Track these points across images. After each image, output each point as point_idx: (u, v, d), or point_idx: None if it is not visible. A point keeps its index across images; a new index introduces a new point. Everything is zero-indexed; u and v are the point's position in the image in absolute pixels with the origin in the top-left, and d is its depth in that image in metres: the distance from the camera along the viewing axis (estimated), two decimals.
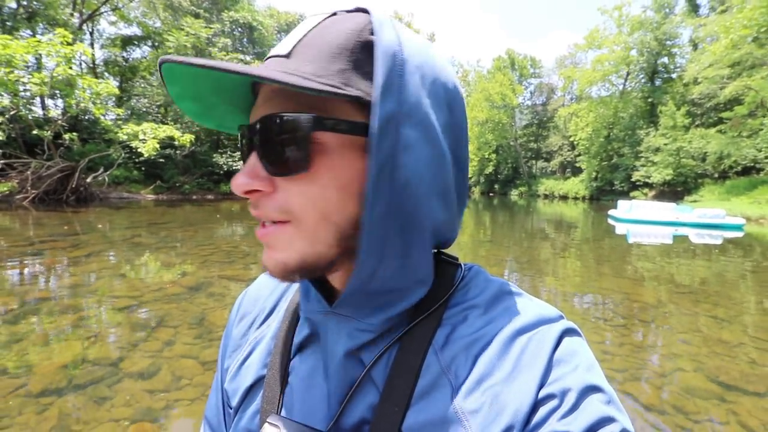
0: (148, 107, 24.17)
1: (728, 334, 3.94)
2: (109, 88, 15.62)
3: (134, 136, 16.25)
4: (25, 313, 3.93)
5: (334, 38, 0.36)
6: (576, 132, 36.03)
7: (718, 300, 5.12)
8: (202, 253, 6.92)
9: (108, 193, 18.79)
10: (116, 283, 5.07)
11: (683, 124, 27.96)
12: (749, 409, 2.58)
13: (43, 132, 14.52)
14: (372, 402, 0.39)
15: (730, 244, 10.62)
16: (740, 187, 22.39)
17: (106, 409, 2.47)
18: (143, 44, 27.94)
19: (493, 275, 0.46)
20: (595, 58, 35.49)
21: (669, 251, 9.30)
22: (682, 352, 3.50)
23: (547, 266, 7.27)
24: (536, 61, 47.48)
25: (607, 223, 15.68)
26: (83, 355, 3.10)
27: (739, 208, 18.25)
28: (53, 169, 15.56)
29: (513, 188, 44.46)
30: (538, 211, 22.69)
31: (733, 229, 13.67)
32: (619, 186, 32.61)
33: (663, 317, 4.46)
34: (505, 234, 12.48)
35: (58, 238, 7.97)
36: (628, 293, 5.36)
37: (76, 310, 4.04)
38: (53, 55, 13.88)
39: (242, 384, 0.47)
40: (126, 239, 8.23)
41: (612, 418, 0.34)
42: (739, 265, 7.59)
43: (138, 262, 6.30)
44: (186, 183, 22.87)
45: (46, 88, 14.00)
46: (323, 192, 0.36)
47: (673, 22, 32.13)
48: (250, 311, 0.54)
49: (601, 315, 4.59)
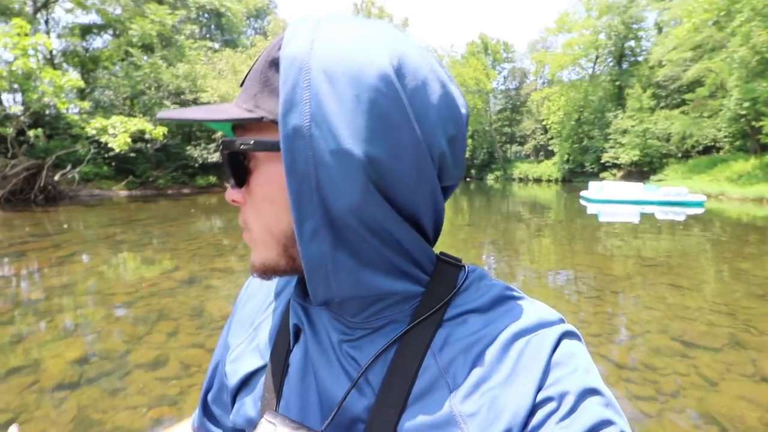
0: (113, 99, 23.22)
1: (690, 300, 4.36)
2: (72, 80, 14.97)
3: (103, 130, 15.64)
4: (21, 313, 3.93)
5: (258, 62, 0.38)
6: (548, 116, 36.83)
7: (680, 271, 5.58)
8: (190, 247, 6.92)
9: (78, 191, 18.11)
10: (108, 280, 5.08)
11: (649, 106, 29.11)
12: (707, 362, 2.94)
13: (5, 129, 13.86)
14: (368, 403, 0.39)
15: (692, 219, 11.32)
16: (701, 165, 23.59)
17: (121, 399, 2.58)
18: (104, 33, 26.69)
19: (495, 278, 0.46)
20: (566, 42, 36.18)
21: (636, 229, 9.88)
22: (649, 318, 3.88)
23: (523, 246, 7.64)
24: (509, 45, 47.84)
25: (579, 203, 16.33)
26: (90, 351, 3.18)
27: (700, 186, 19.31)
28: (18, 168, 14.87)
29: (489, 173, 45.19)
30: (514, 195, 23.28)
31: (694, 206, 14.48)
32: (589, 168, 33.65)
33: (631, 288, 4.86)
34: (483, 217, 12.88)
35: (36, 239, 7.77)
36: (600, 267, 5.76)
37: (74, 308, 4.06)
38: (10, 47, 13.18)
39: (241, 369, 0.48)
40: (107, 237, 8.09)
41: (610, 421, 0.34)
42: (700, 239, 8.17)
43: (125, 259, 6.27)
44: (160, 177, 22.25)
45: (5, 82, 13.33)
46: (260, 206, 0.39)
47: (639, 5, 32.93)
48: (256, 293, 0.55)
49: (576, 288, 4.95)
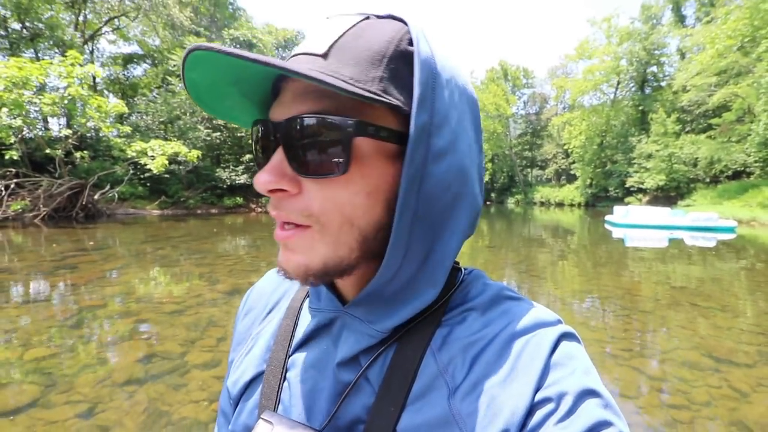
0: (149, 123, 24.65)
1: (721, 321, 4.37)
2: (118, 107, 16.11)
3: (143, 153, 16.68)
4: (85, 318, 4.30)
5: (373, 44, 0.36)
6: (570, 140, 36.81)
7: (711, 294, 5.56)
8: (227, 263, 7.30)
9: (114, 210, 19.11)
10: (157, 291, 5.45)
11: (674, 131, 28.77)
12: (739, 377, 3.00)
13: (54, 151, 14.93)
14: (367, 402, 0.39)
15: (722, 246, 11.09)
16: (731, 190, 22.98)
17: (184, 394, 2.84)
18: (143, 62, 28.67)
19: (493, 279, 0.47)
20: (586, 68, 36.45)
21: (665, 253, 9.77)
22: (679, 335, 3.94)
23: (549, 269, 7.70)
24: (528, 71, 48.55)
25: (603, 228, 16.15)
26: (151, 352, 3.48)
27: (731, 212, 18.77)
28: (63, 187, 15.92)
29: (509, 196, 45.12)
30: (536, 218, 23.10)
31: (725, 232, 14.14)
32: (613, 192, 33.27)
33: (661, 308, 4.89)
34: (504, 240, 12.91)
35: (84, 253, 8.33)
36: (628, 289, 5.79)
37: (130, 315, 4.40)
38: (64, 75, 14.38)
39: (242, 378, 0.48)
40: (150, 252, 8.59)
41: (609, 422, 0.34)
42: (733, 265, 8.03)
43: (170, 272, 6.68)
44: (190, 198, 23.26)
45: (58, 108, 14.47)
46: (352, 197, 0.36)
47: (660, 32, 33.17)
48: (255, 306, 0.55)
49: (605, 307, 5.01)
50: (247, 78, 0.37)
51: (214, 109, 0.40)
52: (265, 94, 0.40)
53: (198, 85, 0.36)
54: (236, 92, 0.39)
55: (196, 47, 0.31)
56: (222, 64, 0.33)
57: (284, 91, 0.37)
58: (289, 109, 0.36)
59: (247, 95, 0.40)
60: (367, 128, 0.35)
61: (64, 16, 21.87)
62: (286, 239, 0.37)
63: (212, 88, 0.37)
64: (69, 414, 2.54)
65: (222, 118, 0.42)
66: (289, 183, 0.36)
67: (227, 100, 0.39)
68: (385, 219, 0.38)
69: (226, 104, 0.40)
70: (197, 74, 0.35)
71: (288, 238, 0.37)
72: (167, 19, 25.98)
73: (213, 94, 0.38)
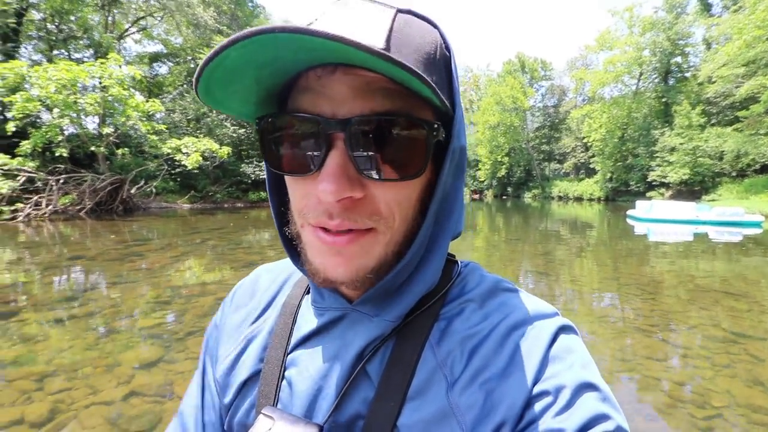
0: (177, 121, 25.52)
1: (743, 305, 4.74)
2: (155, 105, 16.95)
3: (177, 149, 17.53)
4: (175, 296, 4.93)
5: (422, 45, 0.35)
6: (589, 133, 36.33)
7: (737, 286, 5.88)
8: (274, 251, 7.92)
9: (149, 203, 20.07)
10: (223, 275, 6.08)
11: (699, 123, 28.25)
12: (759, 348, 3.44)
13: (98, 148, 15.87)
14: (367, 396, 0.39)
15: (749, 241, 11.07)
16: (759, 185, 22.58)
17: None
18: (168, 60, 29.58)
19: (491, 272, 0.46)
20: (607, 59, 35.83)
21: (690, 247, 9.94)
22: (702, 315, 4.37)
23: (576, 261, 8.07)
24: (547, 63, 47.80)
25: (625, 223, 16.10)
26: None
27: (758, 206, 18.52)
28: (105, 182, 16.89)
29: (526, 191, 44.78)
30: (554, 213, 22.98)
31: (752, 226, 14.01)
32: (634, 186, 32.89)
33: (686, 292, 5.30)
34: (528, 235, 13.17)
35: (143, 243, 9.12)
36: (653, 277, 6.16)
37: (208, 294, 5.01)
38: (106, 77, 15.25)
39: (237, 379, 0.46)
40: (199, 242, 9.28)
41: (607, 416, 0.34)
42: (760, 260, 8.14)
43: (226, 259, 7.33)
44: (217, 192, 24.19)
45: (100, 108, 15.36)
46: (411, 195, 0.37)
47: (685, 21, 32.40)
48: (245, 304, 0.53)
49: (633, 292, 5.40)
50: (280, 59, 0.31)
51: (214, 95, 0.34)
52: (280, 84, 0.36)
53: (223, 66, 0.30)
54: (251, 78, 0.33)
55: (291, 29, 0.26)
56: (279, 44, 0.28)
57: (330, 83, 0.33)
58: (353, 105, 0.33)
59: (261, 82, 0.35)
60: (440, 131, 0.35)
61: (94, 17, 22.81)
62: (344, 246, 0.35)
63: (235, 71, 0.32)
64: (190, 367, 3.12)
65: (224, 110, 0.37)
66: (356, 188, 0.34)
67: (237, 84, 0.34)
68: (419, 217, 0.39)
69: (230, 89, 0.34)
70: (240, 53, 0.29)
71: (347, 245, 0.35)
72: (191, 18, 26.72)
73: (231, 77, 0.32)
